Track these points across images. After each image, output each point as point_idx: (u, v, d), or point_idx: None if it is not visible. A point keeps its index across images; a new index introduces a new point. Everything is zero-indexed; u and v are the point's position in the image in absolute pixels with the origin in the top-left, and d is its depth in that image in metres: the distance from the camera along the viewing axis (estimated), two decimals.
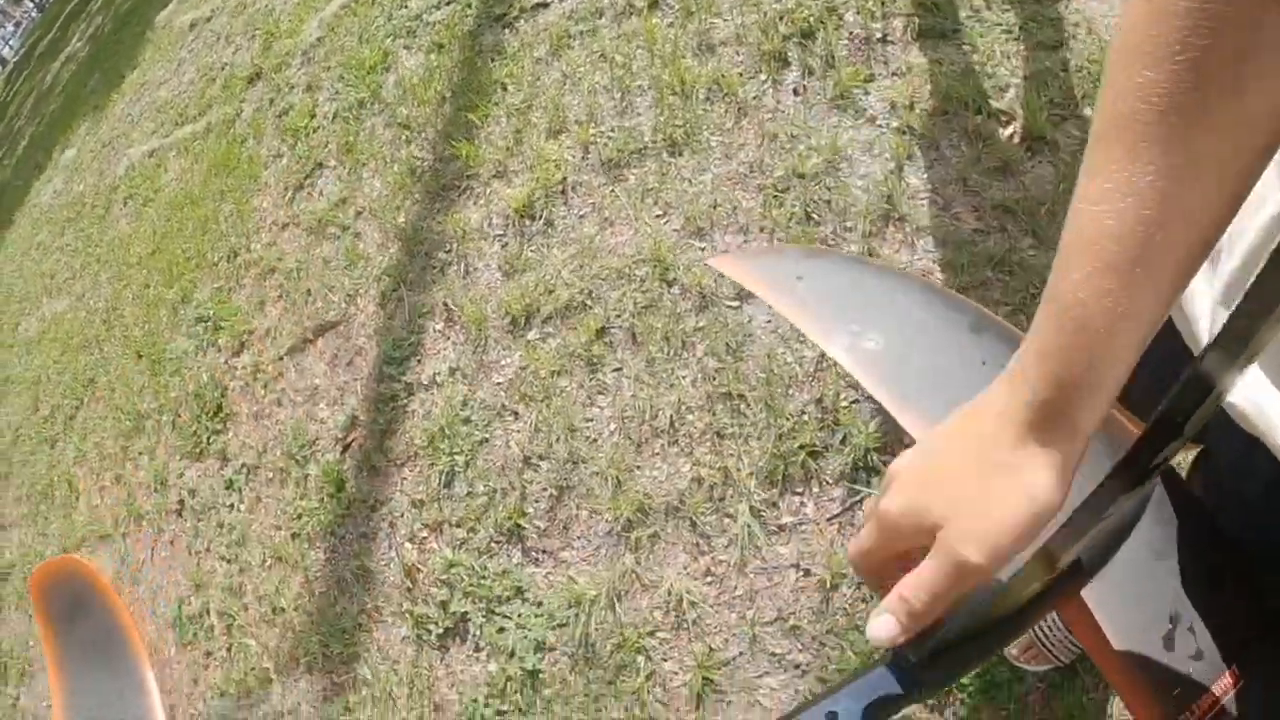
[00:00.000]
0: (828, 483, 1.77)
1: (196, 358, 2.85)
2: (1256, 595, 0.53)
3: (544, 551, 1.88)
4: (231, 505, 2.50)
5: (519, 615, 1.87)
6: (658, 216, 2.11)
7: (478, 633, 1.91)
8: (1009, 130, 1.87)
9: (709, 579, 1.77)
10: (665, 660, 1.76)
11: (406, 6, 3.14)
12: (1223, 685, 0.49)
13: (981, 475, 0.41)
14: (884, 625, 0.43)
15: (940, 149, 1.93)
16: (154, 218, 3.71)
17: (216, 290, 2.94)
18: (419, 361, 2.17)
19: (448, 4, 2.96)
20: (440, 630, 1.95)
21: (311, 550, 2.24)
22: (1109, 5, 1.91)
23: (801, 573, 1.73)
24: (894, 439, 1.80)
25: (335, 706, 2.12)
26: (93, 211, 4.41)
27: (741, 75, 2.17)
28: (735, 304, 1.95)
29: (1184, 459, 0.66)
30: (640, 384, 1.88)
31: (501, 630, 1.88)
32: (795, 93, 2.11)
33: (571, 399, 1.92)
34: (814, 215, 1.93)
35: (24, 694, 3.31)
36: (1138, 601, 0.51)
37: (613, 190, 2.18)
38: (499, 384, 2.03)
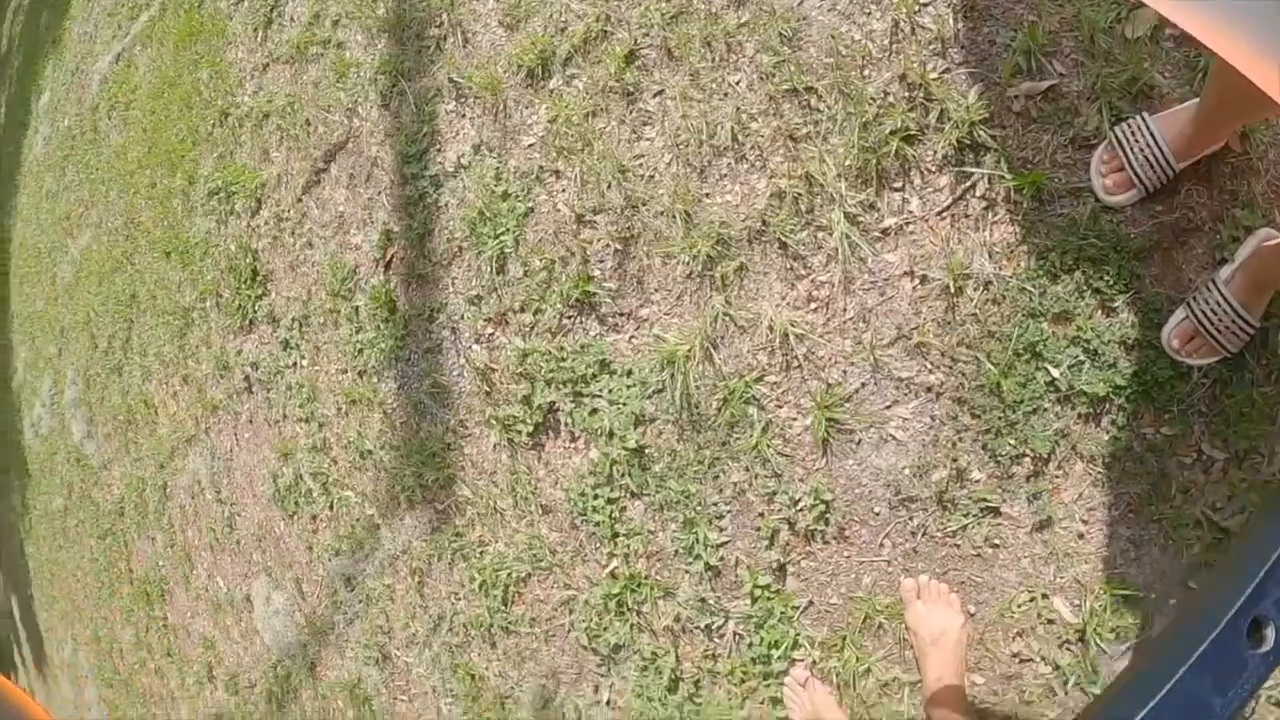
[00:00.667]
0: (930, 171, 1.50)
1: (220, 232, 2.70)
2: None
3: (621, 314, 1.69)
4: (294, 364, 2.40)
5: (609, 391, 1.71)
6: None
7: (569, 420, 1.76)
8: None
9: (813, 305, 1.56)
10: (780, 407, 1.58)
11: None
12: None
13: None
14: None
15: None
16: (139, 116, 3.51)
17: (219, 159, 2.75)
18: (439, 150, 1.93)
19: None
20: (530, 428, 1.82)
21: (381, 382, 2.12)
22: None
23: (917, 280, 1.50)
24: (1000, 108, 1.51)
25: (445, 535, 2.05)
26: (83, 139, 4.24)
27: None
28: None
29: None
30: (689, 102, 1.60)
31: (594, 412, 1.73)
32: None
33: (614, 139, 1.66)
34: None
35: (170, 613, 3.46)
36: None
37: None
38: (530, 146, 1.79)
